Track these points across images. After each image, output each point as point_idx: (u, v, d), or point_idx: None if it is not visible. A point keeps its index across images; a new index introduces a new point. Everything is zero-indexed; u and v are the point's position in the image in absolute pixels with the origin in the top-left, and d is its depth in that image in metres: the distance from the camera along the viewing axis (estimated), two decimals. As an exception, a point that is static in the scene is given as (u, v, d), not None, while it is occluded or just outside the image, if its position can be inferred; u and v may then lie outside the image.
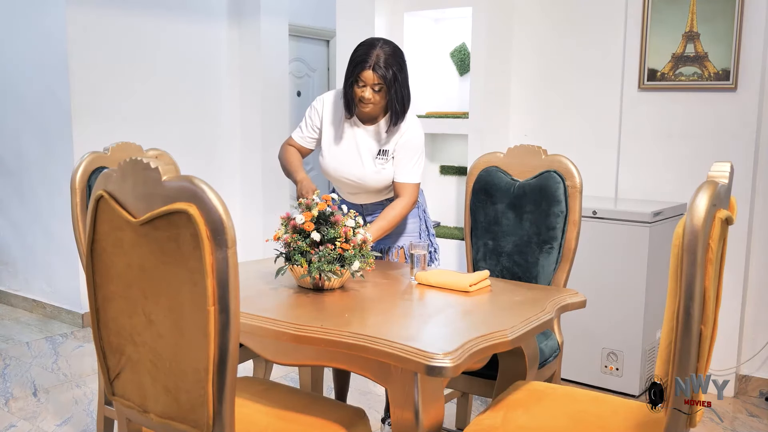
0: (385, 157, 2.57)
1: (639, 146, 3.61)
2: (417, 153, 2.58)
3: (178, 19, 4.80)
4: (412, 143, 2.56)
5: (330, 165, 2.61)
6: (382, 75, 2.39)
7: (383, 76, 2.39)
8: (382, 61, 2.39)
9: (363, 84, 2.42)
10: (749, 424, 3.13)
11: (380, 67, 2.39)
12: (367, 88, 2.42)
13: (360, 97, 2.44)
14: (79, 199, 2.47)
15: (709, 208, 1.44)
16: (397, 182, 2.58)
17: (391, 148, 2.57)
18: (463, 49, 4.08)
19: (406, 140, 2.55)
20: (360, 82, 2.42)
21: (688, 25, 3.39)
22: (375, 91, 2.42)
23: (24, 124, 4.65)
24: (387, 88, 2.42)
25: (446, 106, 4.17)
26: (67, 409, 3.25)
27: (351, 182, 2.61)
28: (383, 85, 2.41)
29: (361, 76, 2.40)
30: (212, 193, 1.35)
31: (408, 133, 2.55)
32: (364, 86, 2.42)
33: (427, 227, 2.76)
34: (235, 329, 1.40)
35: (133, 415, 1.65)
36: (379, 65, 2.39)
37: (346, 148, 2.59)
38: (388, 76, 2.40)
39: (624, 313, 3.28)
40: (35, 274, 4.79)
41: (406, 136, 2.55)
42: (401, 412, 1.72)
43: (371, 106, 2.46)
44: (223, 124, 5.18)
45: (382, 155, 2.57)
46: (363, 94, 2.43)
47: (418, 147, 2.58)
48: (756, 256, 3.40)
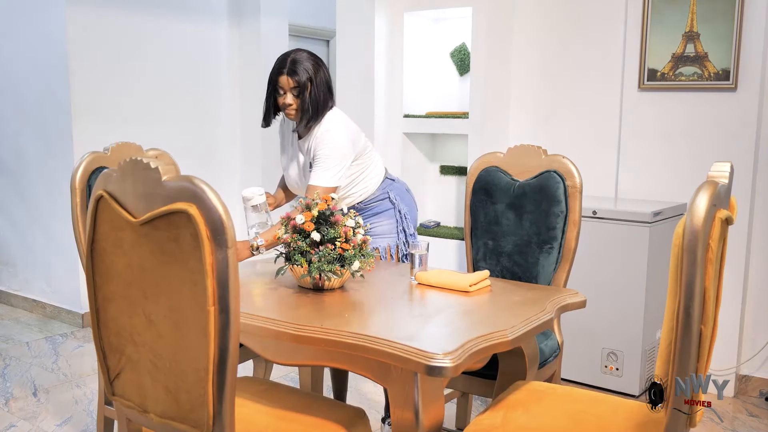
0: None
1: (639, 146, 3.62)
2: (329, 156, 2.50)
3: (178, 19, 4.80)
4: (325, 145, 2.51)
5: (288, 179, 2.75)
6: (296, 79, 2.49)
7: (297, 80, 2.49)
8: (296, 65, 2.50)
9: (283, 91, 2.51)
10: (749, 424, 3.13)
11: (294, 72, 2.49)
12: (287, 94, 2.51)
13: (282, 104, 2.53)
14: (79, 199, 2.47)
15: (709, 208, 1.44)
16: (309, 184, 2.50)
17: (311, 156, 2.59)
18: (463, 49, 4.08)
19: (320, 143, 2.53)
20: (280, 90, 2.52)
21: (688, 25, 3.39)
22: (294, 96, 2.51)
23: (24, 124, 4.65)
24: (301, 91, 2.50)
25: (446, 106, 4.17)
26: (67, 409, 3.25)
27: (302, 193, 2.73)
28: (298, 88, 2.50)
29: (278, 83, 2.51)
30: (212, 193, 1.35)
31: (323, 136, 2.53)
32: (284, 93, 2.51)
33: (404, 228, 2.74)
34: (235, 329, 1.40)
35: (133, 415, 1.65)
36: (294, 69, 2.49)
37: (291, 162, 2.71)
38: (301, 80, 2.49)
39: (624, 313, 3.28)
40: (35, 274, 4.79)
41: (322, 138, 2.53)
42: (401, 412, 1.72)
43: (292, 112, 2.54)
44: (223, 124, 5.18)
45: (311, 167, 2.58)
46: (285, 101, 2.52)
47: (331, 148, 2.50)
48: (756, 256, 3.40)
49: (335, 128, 2.56)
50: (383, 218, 2.71)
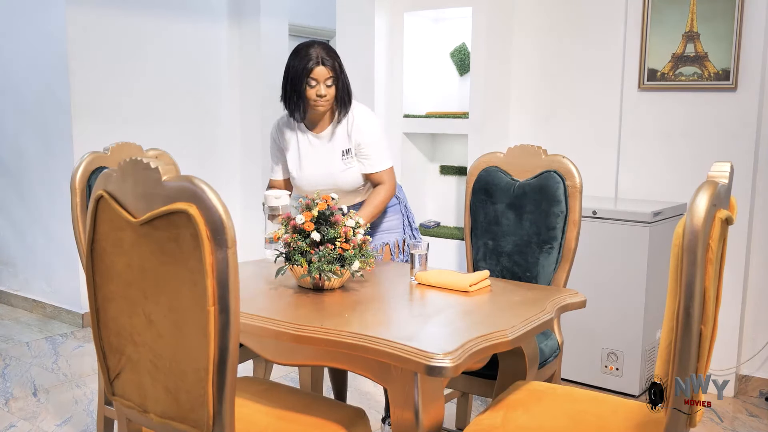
0: (349, 155, 2.62)
1: (639, 146, 3.62)
2: (378, 140, 2.62)
3: (178, 19, 4.80)
4: (369, 132, 2.60)
5: (304, 181, 2.67)
6: (331, 66, 2.48)
7: (333, 68, 2.48)
8: (327, 55, 2.48)
9: (315, 82, 2.48)
10: (749, 424, 3.13)
11: (328, 61, 2.47)
12: (320, 84, 2.48)
13: (316, 96, 2.49)
14: (79, 199, 2.47)
15: (709, 208, 1.44)
16: (371, 174, 2.62)
17: (353, 146, 2.61)
18: (463, 49, 4.08)
19: (363, 132, 2.59)
20: (312, 81, 2.48)
21: (688, 25, 3.39)
22: (327, 86, 2.49)
23: (24, 124, 4.65)
24: (336, 80, 2.50)
25: (446, 106, 4.17)
26: (67, 409, 3.25)
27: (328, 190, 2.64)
28: (334, 76, 2.49)
29: (313, 73, 2.47)
30: (212, 193, 1.35)
31: (363, 125, 2.59)
32: (317, 84, 2.48)
33: (410, 223, 2.80)
34: (235, 329, 1.40)
35: (133, 415, 1.65)
36: (326, 58, 2.47)
37: (311, 161, 2.65)
38: (336, 66, 2.50)
39: (624, 313, 3.28)
40: (35, 274, 4.79)
41: (362, 128, 2.59)
42: (401, 412, 1.72)
43: (326, 104, 2.52)
44: (223, 124, 5.18)
45: (347, 154, 2.61)
46: (319, 92, 2.49)
47: (376, 134, 2.62)
48: (756, 256, 3.40)
49: (368, 113, 2.63)
50: (391, 213, 2.75)
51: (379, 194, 2.61)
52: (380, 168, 2.62)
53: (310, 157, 2.65)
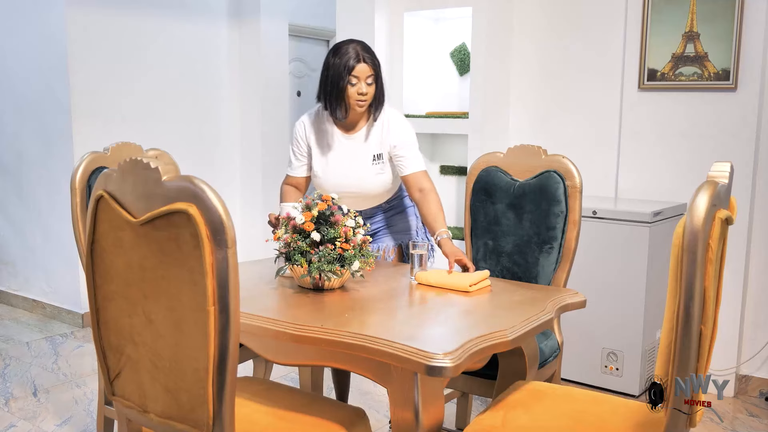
0: (381, 161, 2.58)
1: (639, 146, 3.62)
2: (414, 142, 2.61)
3: (177, 19, 4.80)
4: (405, 133, 2.58)
5: (329, 182, 2.60)
6: (372, 63, 2.45)
7: (373, 65, 2.45)
8: (366, 52, 2.45)
9: (357, 80, 2.44)
10: (749, 424, 3.13)
11: (368, 57, 2.45)
12: (361, 82, 2.44)
13: (357, 94, 2.45)
14: (79, 199, 2.47)
15: (709, 208, 1.44)
16: (411, 173, 2.55)
17: (385, 150, 2.58)
18: (463, 49, 4.08)
19: (399, 134, 2.57)
20: (353, 80, 2.43)
21: (688, 25, 3.39)
22: (368, 84, 2.46)
23: (24, 124, 4.65)
24: (376, 77, 2.47)
25: (446, 106, 4.17)
26: (67, 409, 3.25)
27: (352, 193, 2.60)
28: (374, 74, 2.46)
29: (355, 71, 2.42)
30: (212, 193, 1.35)
31: (397, 128, 2.57)
32: (358, 82, 2.44)
33: (423, 225, 2.77)
34: (235, 329, 1.40)
35: (133, 415, 1.65)
36: (366, 55, 2.44)
37: (340, 161, 2.59)
38: (377, 63, 2.47)
39: (624, 313, 3.28)
40: (35, 274, 4.80)
41: (398, 130, 2.57)
42: (401, 412, 1.72)
43: (365, 103, 2.48)
44: (223, 124, 5.18)
45: (378, 159, 2.57)
46: (360, 90, 2.44)
47: (411, 135, 2.61)
48: (756, 256, 3.40)
49: (401, 116, 2.62)
50: (408, 215, 2.74)
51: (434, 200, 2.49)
52: (418, 168, 2.56)
53: (340, 158, 2.59)
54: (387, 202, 2.72)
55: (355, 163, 2.58)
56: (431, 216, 2.47)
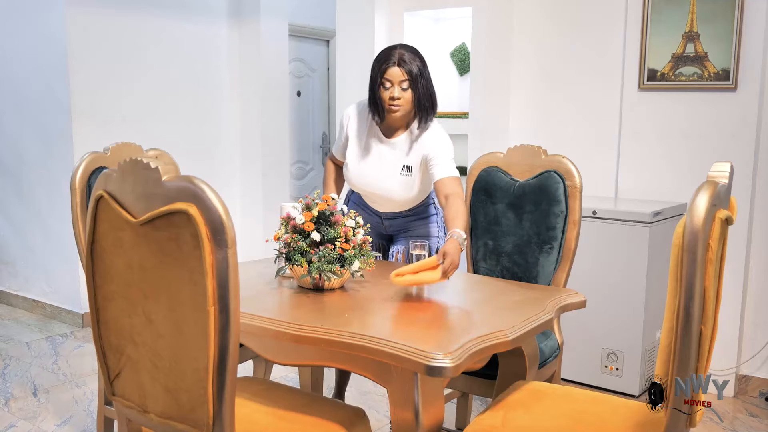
0: (409, 173, 2.53)
1: (639, 146, 3.62)
2: (449, 150, 2.52)
3: (177, 19, 4.80)
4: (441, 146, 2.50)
5: (355, 178, 2.60)
6: (407, 69, 2.39)
7: (409, 71, 2.39)
8: (405, 57, 2.40)
9: (390, 84, 2.40)
10: (749, 424, 3.13)
11: (404, 62, 2.39)
12: (395, 86, 2.40)
13: (389, 97, 2.41)
14: (79, 199, 2.47)
15: (709, 208, 1.44)
16: (440, 178, 2.45)
17: (416, 163, 2.52)
18: (463, 49, 4.08)
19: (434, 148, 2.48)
20: (386, 83, 2.40)
21: (688, 25, 3.39)
22: (403, 89, 2.40)
23: (24, 124, 4.65)
24: (413, 83, 2.40)
25: (446, 106, 4.17)
26: (67, 409, 3.25)
27: (377, 194, 2.60)
28: (410, 80, 2.40)
29: (387, 74, 2.39)
30: (212, 193, 1.35)
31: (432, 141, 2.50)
32: (391, 86, 2.40)
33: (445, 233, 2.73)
34: (235, 329, 1.40)
35: (133, 415, 1.65)
36: (403, 60, 2.39)
37: (371, 163, 2.57)
38: (413, 70, 2.40)
39: (624, 313, 3.28)
40: (35, 274, 4.79)
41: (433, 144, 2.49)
42: (401, 412, 1.72)
43: (401, 108, 2.42)
44: (223, 124, 5.18)
45: (406, 171, 2.53)
46: (392, 94, 2.40)
47: (448, 145, 2.52)
48: (756, 256, 3.40)
49: (441, 130, 2.54)
50: (431, 221, 2.70)
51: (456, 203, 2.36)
52: (447, 174, 2.45)
53: (371, 158, 2.57)
54: (409, 210, 2.69)
55: (383, 168, 2.55)
56: (449, 216, 2.37)
